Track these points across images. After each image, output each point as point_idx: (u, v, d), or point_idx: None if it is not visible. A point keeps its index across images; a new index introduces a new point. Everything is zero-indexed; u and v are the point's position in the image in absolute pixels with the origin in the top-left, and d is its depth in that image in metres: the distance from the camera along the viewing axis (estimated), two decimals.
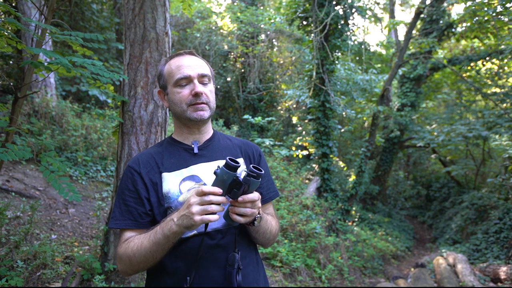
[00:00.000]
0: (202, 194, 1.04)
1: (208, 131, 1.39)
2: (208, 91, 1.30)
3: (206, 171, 1.28)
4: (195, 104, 1.26)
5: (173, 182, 1.25)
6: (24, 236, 3.28)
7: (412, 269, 7.36)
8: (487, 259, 7.37)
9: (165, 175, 1.26)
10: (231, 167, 1.05)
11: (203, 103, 1.27)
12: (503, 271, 6.22)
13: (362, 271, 6.49)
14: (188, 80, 1.27)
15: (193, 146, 1.33)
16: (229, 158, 1.07)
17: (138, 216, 1.23)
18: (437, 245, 9.82)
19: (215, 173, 1.07)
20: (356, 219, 9.24)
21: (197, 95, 1.25)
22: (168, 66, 1.32)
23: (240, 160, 1.37)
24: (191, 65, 1.29)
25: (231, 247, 1.22)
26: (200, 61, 1.33)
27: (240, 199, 1.07)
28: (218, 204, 1.04)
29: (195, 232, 1.20)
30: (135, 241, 1.17)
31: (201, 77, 1.29)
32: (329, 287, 5.05)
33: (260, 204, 1.14)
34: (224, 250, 1.21)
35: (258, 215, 1.18)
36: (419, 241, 11.11)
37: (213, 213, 1.05)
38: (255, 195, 1.09)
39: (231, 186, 1.06)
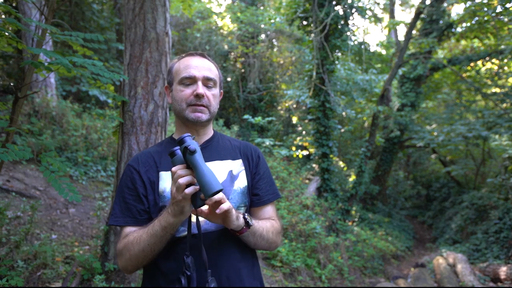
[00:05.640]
0: (172, 175, 1.07)
1: (208, 133, 1.40)
2: (211, 95, 1.30)
3: None
4: (194, 105, 1.27)
5: (169, 181, 1.25)
6: (25, 236, 3.28)
7: (412, 269, 7.36)
8: (487, 259, 7.37)
9: (162, 174, 1.27)
10: (179, 141, 1.08)
11: (202, 105, 1.28)
12: (503, 271, 6.22)
13: (362, 271, 6.49)
14: (193, 80, 1.28)
15: None
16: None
17: (137, 213, 1.25)
18: (437, 245, 9.81)
19: (170, 154, 1.11)
20: (356, 219, 9.23)
21: (198, 96, 1.26)
22: (177, 64, 1.35)
23: (239, 161, 1.37)
24: (199, 66, 1.30)
25: (223, 249, 1.22)
26: (209, 64, 1.34)
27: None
28: (186, 175, 1.05)
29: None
30: (134, 235, 1.19)
31: (206, 80, 1.29)
32: (329, 287, 5.06)
33: (227, 206, 1.07)
34: (216, 252, 1.21)
35: (247, 216, 1.19)
36: (419, 241, 11.11)
37: (189, 186, 1.05)
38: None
39: (184, 155, 1.07)
